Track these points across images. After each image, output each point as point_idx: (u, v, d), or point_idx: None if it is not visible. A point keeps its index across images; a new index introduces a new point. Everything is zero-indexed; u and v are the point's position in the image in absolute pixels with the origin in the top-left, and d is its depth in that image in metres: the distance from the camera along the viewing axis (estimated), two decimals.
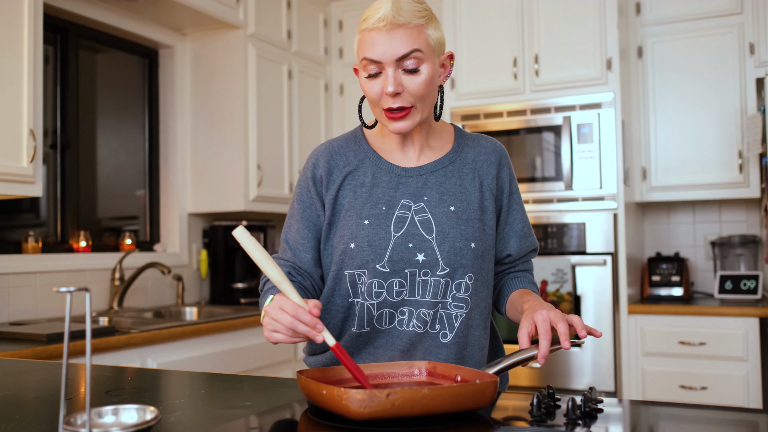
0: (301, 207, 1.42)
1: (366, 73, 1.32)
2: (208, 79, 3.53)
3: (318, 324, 1.09)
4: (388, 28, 1.27)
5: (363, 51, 1.31)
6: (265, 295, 1.37)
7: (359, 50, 1.33)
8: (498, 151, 1.47)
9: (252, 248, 1.11)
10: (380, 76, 1.30)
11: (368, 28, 1.29)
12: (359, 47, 1.32)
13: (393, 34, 1.27)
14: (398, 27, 1.27)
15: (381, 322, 1.36)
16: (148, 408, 0.91)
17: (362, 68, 1.33)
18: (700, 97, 3.48)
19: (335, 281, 1.38)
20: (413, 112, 1.32)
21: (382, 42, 1.28)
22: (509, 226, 1.48)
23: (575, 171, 3.31)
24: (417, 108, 1.32)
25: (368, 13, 1.31)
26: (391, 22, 1.27)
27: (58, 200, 3.03)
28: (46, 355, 2.10)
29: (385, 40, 1.27)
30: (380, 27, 1.27)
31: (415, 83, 1.30)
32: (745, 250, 3.56)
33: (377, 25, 1.28)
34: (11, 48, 2.33)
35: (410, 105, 1.31)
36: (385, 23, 1.27)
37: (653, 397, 3.16)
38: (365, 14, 1.31)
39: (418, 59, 1.29)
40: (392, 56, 1.28)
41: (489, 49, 3.51)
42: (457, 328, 1.37)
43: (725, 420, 1.10)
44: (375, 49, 1.28)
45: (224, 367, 2.76)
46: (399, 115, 1.31)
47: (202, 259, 3.59)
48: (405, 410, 0.92)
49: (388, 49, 1.28)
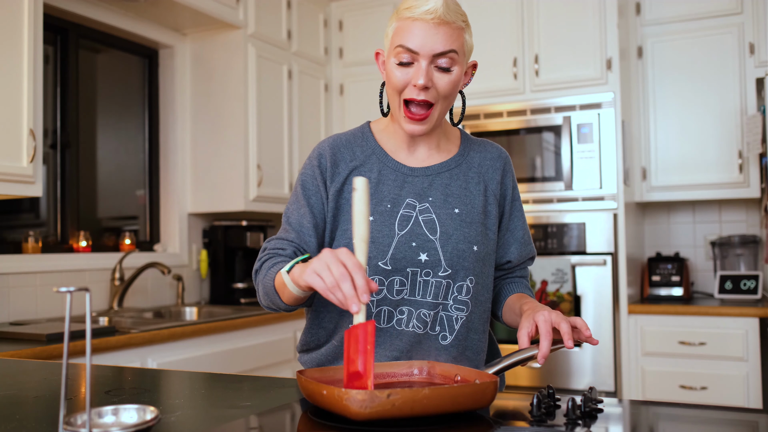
0: (306, 194, 1.39)
1: (397, 60, 1.31)
2: (208, 79, 3.53)
3: (366, 294, 1.01)
4: (436, 23, 1.27)
5: (401, 38, 1.30)
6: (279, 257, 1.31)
7: (396, 36, 1.31)
8: (503, 157, 1.49)
9: (365, 200, 1.04)
10: (412, 66, 1.30)
11: (413, 17, 1.29)
12: (396, 33, 1.31)
13: (438, 29, 1.28)
14: (444, 24, 1.28)
15: (380, 320, 1.36)
16: (148, 408, 0.91)
17: (394, 54, 1.31)
18: (700, 97, 3.48)
19: None
20: (433, 111, 1.33)
21: (425, 34, 1.28)
22: (510, 232, 1.48)
23: (575, 171, 3.31)
24: (437, 107, 1.33)
25: (414, 2, 1.30)
26: (440, 17, 1.27)
27: (58, 200, 3.03)
28: (46, 355, 2.10)
29: (429, 33, 1.28)
30: (427, 19, 1.27)
31: (445, 81, 1.31)
32: (745, 250, 3.56)
33: (424, 17, 1.27)
34: (11, 48, 2.33)
35: (434, 101, 1.32)
36: (434, 17, 1.27)
37: (653, 397, 3.16)
38: (410, 3, 1.30)
39: (452, 59, 1.30)
40: (431, 50, 1.28)
41: (489, 49, 3.51)
42: (458, 331, 1.37)
43: (725, 420, 1.10)
44: (415, 39, 1.28)
45: (224, 367, 2.76)
46: (418, 116, 1.32)
47: (202, 259, 3.59)
48: (405, 410, 0.92)
49: (428, 42, 1.28)
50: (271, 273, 1.28)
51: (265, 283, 1.30)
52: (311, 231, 1.37)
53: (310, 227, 1.37)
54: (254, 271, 1.38)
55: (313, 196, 1.39)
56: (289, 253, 1.35)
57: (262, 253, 1.38)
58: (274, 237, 1.40)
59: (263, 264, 1.35)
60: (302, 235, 1.37)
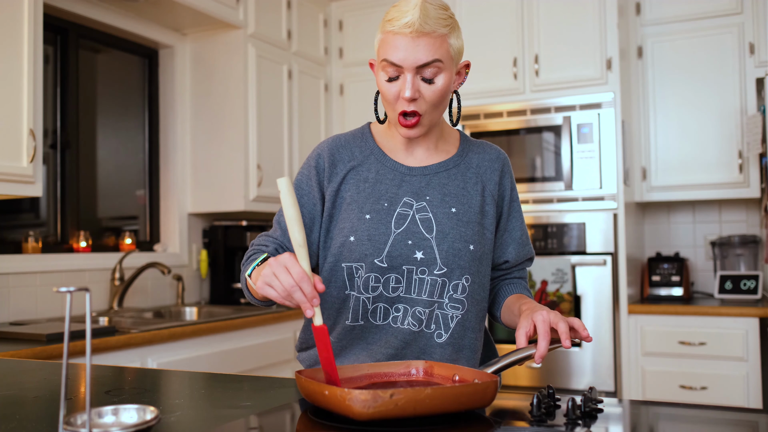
0: (299, 193, 1.42)
1: (386, 76, 1.32)
2: (208, 79, 3.53)
3: (316, 299, 1.09)
4: (414, 36, 1.27)
5: (384, 52, 1.31)
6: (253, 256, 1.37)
7: (380, 50, 1.33)
8: (501, 158, 1.49)
9: (290, 203, 1.09)
10: (399, 79, 1.31)
11: (393, 31, 1.29)
12: (381, 47, 1.32)
13: (417, 41, 1.27)
14: (423, 35, 1.27)
15: (375, 317, 1.37)
16: (148, 408, 0.91)
17: (382, 68, 1.33)
18: (700, 97, 3.48)
19: (332, 273, 1.39)
20: (423, 119, 1.34)
21: (405, 48, 1.28)
22: (508, 233, 1.49)
23: (575, 171, 3.31)
24: (427, 115, 1.34)
25: (394, 14, 1.30)
26: (417, 30, 1.26)
27: (58, 200, 3.03)
28: (46, 355, 2.10)
29: (409, 47, 1.27)
30: (405, 33, 1.27)
31: (431, 92, 1.31)
32: (745, 250, 3.56)
33: (402, 30, 1.27)
34: (11, 48, 2.33)
35: (422, 111, 1.33)
36: (411, 30, 1.26)
37: (653, 397, 3.16)
38: (390, 14, 1.31)
39: (437, 69, 1.30)
40: (413, 63, 1.28)
41: (489, 49, 3.51)
42: (453, 329, 1.38)
43: (725, 420, 1.10)
44: (397, 53, 1.28)
45: (224, 367, 2.76)
46: (411, 122, 1.33)
47: (202, 259, 3.59)
48: (408, 410, 0.92)
49: (410, 55, 1.28)
50: (245, 269, 1.34)
51: (242, 279, 1.36)
52: None
53: None
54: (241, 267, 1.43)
55: (305, 195, 1.42)
56: (270, 250, 1.40)
57: (249, 249, 1.43)
58: (263, 234, 1.44)
59: (245, 261, 1.40)
60: (287, 234, 1.40)
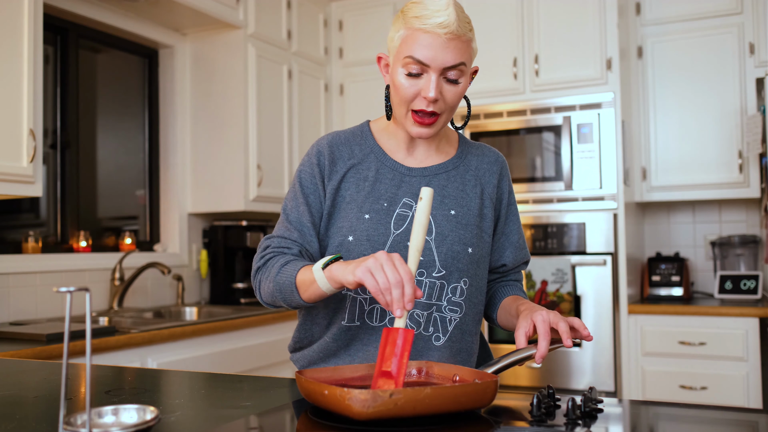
0: (305, 192, 1.39)
1: (406, 71, 1.29)
2: (208, 79, 3.53)
3: (411, 302, 1.08)
4: (448, 37, 1.25)
5: (410, 49, 1.27)
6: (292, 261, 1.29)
7: (404, 45, 1.29)
8: (500, 161, 1.49)
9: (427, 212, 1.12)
10: (421, 77, 1.28)
11: (424, 29, 1.26)
12: (405, 42, 1.28)
13: (449, 43, 1.25)
14: (456, 38, 1.26)
15: (372, 318, 1.35)
16: (148, 408, 0.91)
17: (403, 64, 1.29)
18: (700, 97, 3.48)
19: None
20: (439, 120, 1.33)
21: (436, 48, 1.25)
22: (506, 236, 1.49)
23: (575, 171, 3.31)
24: (444, 116, 1.33)
25: (421, 11, 1.27)
26: (453, 32, 1.25)
27: (58, 200, 3.03)
28: (46, 355, 2.10)
29: (441, 48, 1.25)
30: (439, 33, 1.25)
31: (452, 93, 1.30)
32: (745, 250, 3.56)
33: (436, 30, 1.25)
34: (11, 48, 2.33)
35: (441, 112, 1.31)
36: (447, 31, 1.24)
37: (653, 397, 3.16)
38: (417, 11, 1.27)
39: (461, 71, 1.29)
40: (441, 64, 1.26)
41: (489, 49, 3.51)
42: (451, 332, 1.37)
43: (725, 420, 1.10)
44: (426, 51, 1.26)
45: (224, 367, 2.76)
46: (428, 121, 1.31)
47: (202, 259, 3.59)
48: (408, 410, 0.92)
49: (440, 56, 1.26)
50: (288, 269, 1.28)
51: (279, 280, 1.29)
52: (312, 230, 1.38)
53: (310, 227, 1.37)
54: (256, 269, 1.37)
55: (311, 194, 1.39)
56: (294, 252, 1.35)
57: (264, 250, 1.37)
58: (275, 235, 1.39)
59: (269, 261, 1.34)
60: (305, 235, 1.37)
